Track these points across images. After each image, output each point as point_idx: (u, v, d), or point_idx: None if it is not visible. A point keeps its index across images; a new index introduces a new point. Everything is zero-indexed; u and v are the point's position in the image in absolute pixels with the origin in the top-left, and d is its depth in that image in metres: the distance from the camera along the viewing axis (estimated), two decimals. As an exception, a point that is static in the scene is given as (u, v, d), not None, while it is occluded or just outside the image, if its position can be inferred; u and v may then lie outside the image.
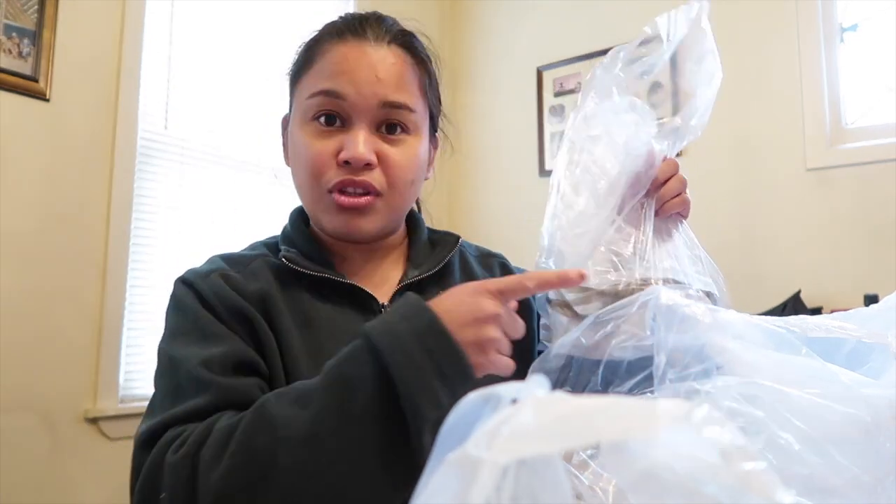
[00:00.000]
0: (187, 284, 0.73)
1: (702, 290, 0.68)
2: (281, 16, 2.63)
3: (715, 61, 0.71)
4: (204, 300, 0.71)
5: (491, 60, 3.23)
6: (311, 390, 0.58)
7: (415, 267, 0.81)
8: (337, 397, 0.56)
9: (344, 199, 0.74)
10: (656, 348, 0.55)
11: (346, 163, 0.73)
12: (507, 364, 0.60)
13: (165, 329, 0.73)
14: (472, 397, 0.33)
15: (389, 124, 0.76)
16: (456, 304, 0.59)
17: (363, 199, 0.74)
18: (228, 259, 0.78)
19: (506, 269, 0.90)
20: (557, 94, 3.00)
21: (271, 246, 0.82)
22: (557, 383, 0.66)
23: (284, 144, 0.85)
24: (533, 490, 0.29)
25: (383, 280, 0.82)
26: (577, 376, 0.65)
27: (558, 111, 2.99)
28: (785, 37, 2.45)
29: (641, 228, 0.70)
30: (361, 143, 0.73)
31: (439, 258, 0.82)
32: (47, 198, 1.93)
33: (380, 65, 0.75)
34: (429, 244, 0.86)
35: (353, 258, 0.82)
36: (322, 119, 0.75)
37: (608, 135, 0.71)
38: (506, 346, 0.60)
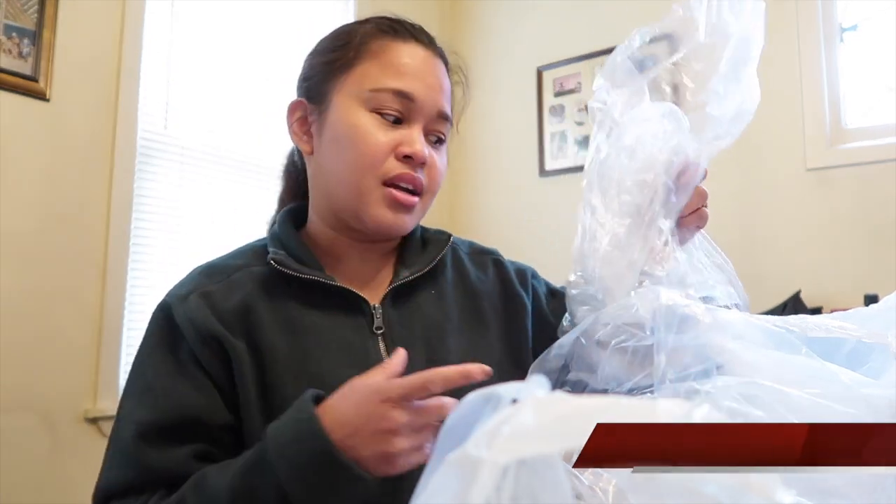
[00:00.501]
0: (165, 312, 0.74)
1: (728, 304, 0.66)
2: (281, 16, 2.63)
3: (754, 79, 0.66)
4: (176, 330, 0.72)
5: (491, 60, 3.23)
6: (221, 497, 0.60)
7: (406, 267, 0.81)
8: None
9: (401, 196, 0.75)
10: (656, 348, 0.55)
11: (406, 157, 0.75)
12: (418, 463, 0.59)
13: (133, 364, 0.74)
14: (473, 397, 0.33)
15: (434, 132, 0.79)
16: (357, 414, 0.57)
17: (416, 198, 0.76)
18: (209, 271, 0.77)
19: (500, 265, 0.89)
20: (557, 94, 2.99)
21: (259, 250, 0.80)
22: (557, 383, 0.66)
23: (300, 130, 0.81)
24: (533, 490, 0.29)
25: (374, 280, 0.81)
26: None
27: (558, 111, 2.98)
28: (785, 37, 2.45)
29: (667, 243, 0.67)
30: (422, 141, 0.76)
31: (430, 257, 0.82)
32: (47, 198, 1.93)
33: (440, 74, 0.80)
34: (420, 243, 0.86)
35: (349, 257, 0.81)
36: (385, 115, 0.75)
37: (642, 146, 0.67)
38: (415, 450, 0.58)
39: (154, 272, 2.16)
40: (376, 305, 0.77)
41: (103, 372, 1.99)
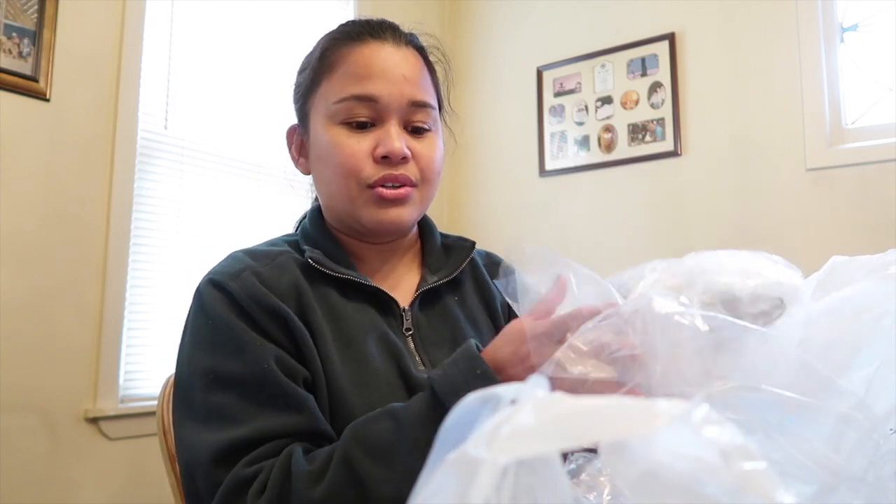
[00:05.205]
0: (218, 287, 0.72)
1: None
2: (281, 16, 2.63)
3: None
4: (237, 304, 0.71)
5: (491, 60, 3.23)
6: (393, 449, 0.59)
7: (432, 272, 0.84)
8: (420, 460, 0.57)
9: (387, 192, 0.76)
10: (651, 357, 0.54)
11: (384, 158, 0.76)
12: None
13: (194, 337, 0.72)
14: (472, 397, 0.33)
15: (414, 122, 0.79)
16: (513, 354, 0.59)
17: (403, 190, 0.78)
18: (253, 254, 0.78)
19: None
20: (557, 94, 2.99)
21: (292, 244, 0.82)
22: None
23: (297, 155, 0.86)
24: (532, 490, 0.29)
25: (400, 283, 0.85)
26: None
27: (558, 111, 2.98)
28: (785, 37, 2.45)
29: None
30: (397, 138, 0.76)
31: (456, 265, 0.86)
32: (47, 197, 1.93)
33: (404, 64, 0.79)
34: (442, 249, 0.89)
35: (371, 259, 0.84)
36: (354, 123, 0.77)
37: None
38: None
39: (154, 272, 2.16)
40: (405, 308, 0.80)
41: (103, 372, 1.99)
